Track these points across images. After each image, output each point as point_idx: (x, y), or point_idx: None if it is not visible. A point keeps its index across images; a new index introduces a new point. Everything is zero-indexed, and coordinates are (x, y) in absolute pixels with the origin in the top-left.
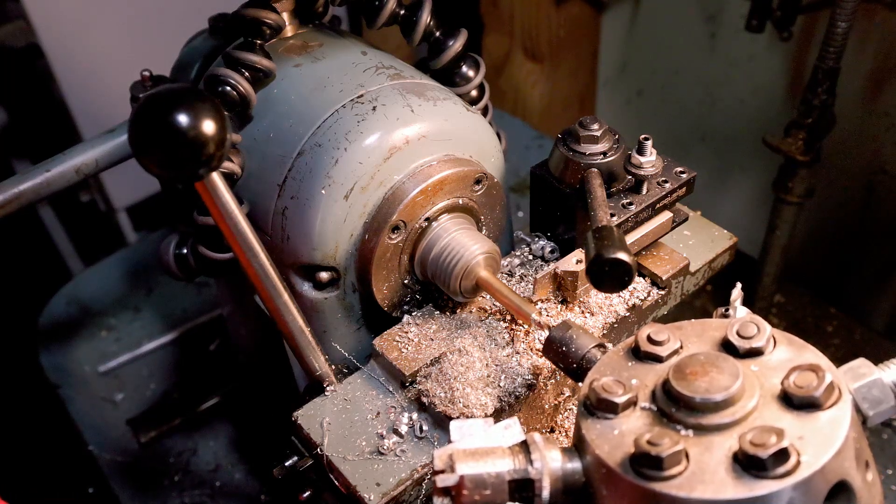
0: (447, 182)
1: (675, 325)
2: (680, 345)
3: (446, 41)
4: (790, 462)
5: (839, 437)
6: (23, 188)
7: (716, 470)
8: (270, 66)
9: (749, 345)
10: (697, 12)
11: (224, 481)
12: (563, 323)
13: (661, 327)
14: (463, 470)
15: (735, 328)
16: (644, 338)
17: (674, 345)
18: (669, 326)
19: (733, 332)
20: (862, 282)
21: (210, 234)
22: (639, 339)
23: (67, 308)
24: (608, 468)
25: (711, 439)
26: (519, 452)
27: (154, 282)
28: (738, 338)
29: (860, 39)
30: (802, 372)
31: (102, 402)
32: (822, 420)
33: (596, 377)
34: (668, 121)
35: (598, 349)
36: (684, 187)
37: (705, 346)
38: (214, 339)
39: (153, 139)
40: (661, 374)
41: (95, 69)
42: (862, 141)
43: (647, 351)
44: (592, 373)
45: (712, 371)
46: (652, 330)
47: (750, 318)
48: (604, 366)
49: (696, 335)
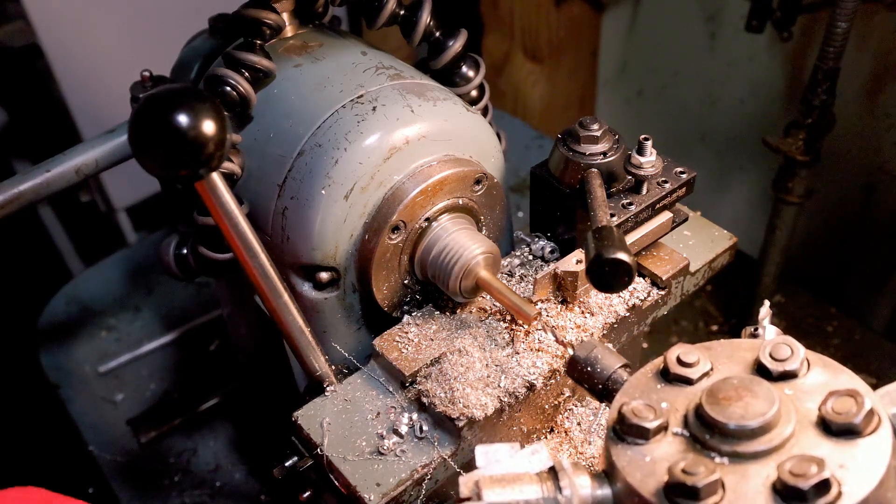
0: (447, 182)
1: (704, 346)
2: (710, 366)
3: (446, 41)
4: (832, 493)
5: (881, 466)
6: (23, 188)
7: (754, 500)
8: (270, 67)
9: (783, 367)
10: (697, 13)
11: (224, 481)
12: (587, 342)
13: (690, 348)
14: (490, 497)
15: (768, 350)
16: (673, 359)
17: (704, 367)
18: (699, 347)
19: (766, 354)
20: (862, 282)
21: (210, 235)
22: (668, 360)
23: (67, 308)
24: (641, 497)
25: (748, 468)
26: (547, 479)
27: (154, 282)
28: (772, 360)
29: (860, 40)
30: (840, 397)
31: (102, 403)
32: (862, 448)
33: (625, 401)
34: (668, 121)
35: (624, 369)
36: (684, 187)
37: (736, 368)
38: (214, 339)
39: (153, 139)
40: (693, 398)
41: (95, 69)
42: (862, 141)
43: (676, 373)
44: (621, 396)
45: (747, 396)
46: (681, 351)
47: (783, 340)
48: (632, 388)
49: (727, 356)
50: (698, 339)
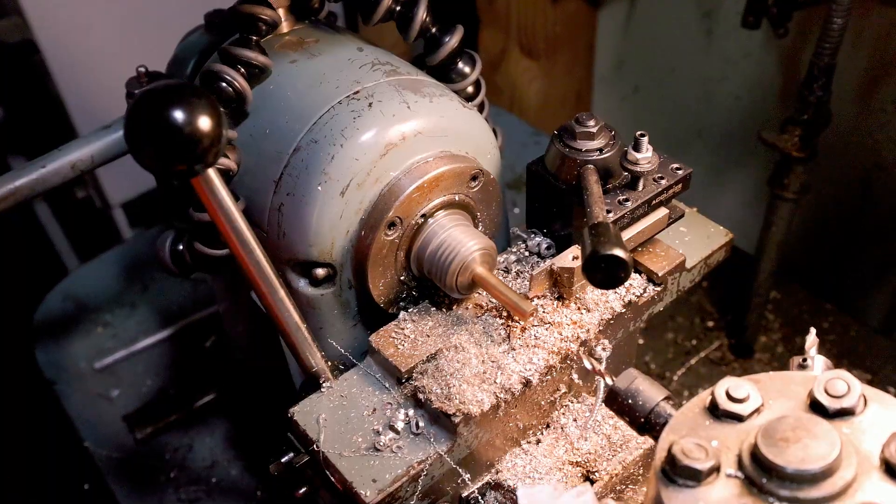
0: (443, 178)
1: (753, 378)
2: (762, 402)
3: (442, 37)
4: None
5: None
6: (18, 184)
7: None
8: (266, 63)
9: (839, 405)
10: (693, 9)
11: (220, 478)
12: (627, 373)
13: (739, 381)
14: None
15: (822, 385)
16: (722, 394)
17: (755, 402)
18: (748, 380)
19: (821, 389)
20: (858, 278)
21: (206, 231)
22: (716, 395)
23: (63, 304)
24: None
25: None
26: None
27: (150, 278)
28: (827, 396)
29: (856, 36)
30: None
31: (98, 399)
32: None
33: (674, 439)
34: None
35: (667, 402)
36: (680, 184)
37: (789, 404)
38: (210, 335)
39: (149, 135)
40: (746, 437)
41: (91, 65)
42: (858, 137)
43: (726, 409)
44: (668, 433)
45: (805, 437)
46: (730, 385)
47: (838, 375)
48: (680, 425)
49: (778, 391)
50: (694, 334)
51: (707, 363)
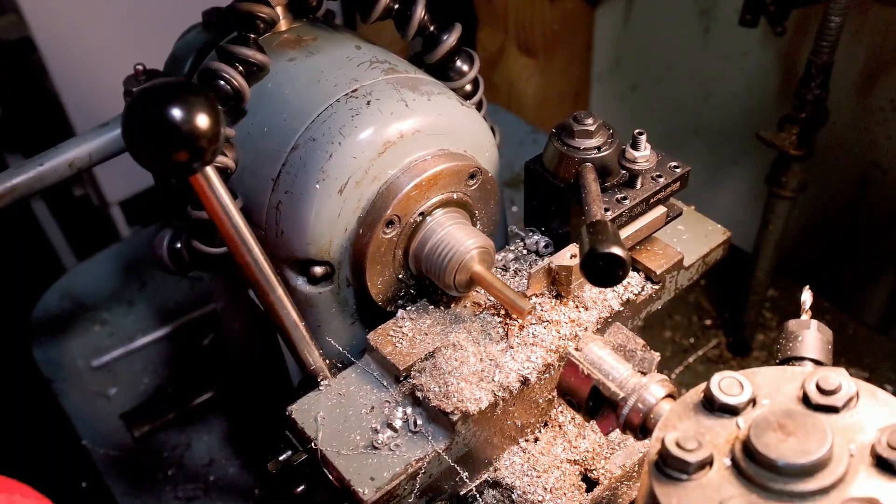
0: (441, 177)
1: (747, 372)
2: (753, 395)
3: (440, 36)
4: None
5: None
6: (15, 182)
7: None
8: (264, 61)
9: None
10: (691, 7)
11: (218, 475)
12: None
13: (733, 375)
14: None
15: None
16: (716, 387)
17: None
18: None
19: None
20: (855, 276)
21: (204, 229)
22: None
23: (61, 302)
24: None
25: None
26: None
27: (148, 276)
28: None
29: (853, 34)
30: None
31: (96, 397)
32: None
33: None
34: (662, 115)
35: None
36: (678, 182)
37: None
38: (208, 333)
39: (147, 133)
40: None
41: (89, 63)
42: (855, 135)
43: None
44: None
45: (797, 431)
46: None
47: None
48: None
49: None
50: (692, 332)
51: (705, 361)
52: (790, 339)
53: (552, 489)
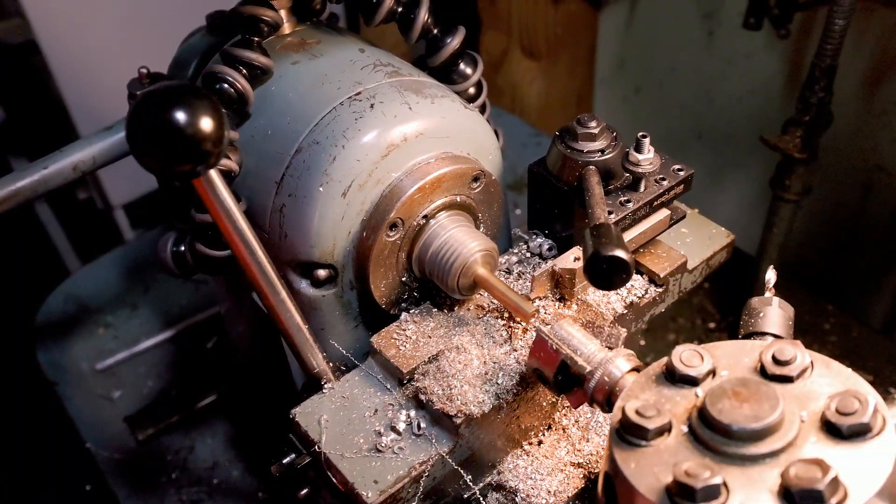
0: (445, 180)
1: (708, 346)
2: (714, 367)
3: (444, 38)
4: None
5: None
6: (20, 185)
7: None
8: (268, 64)
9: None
10: (695, 10)
11: (222, 479)
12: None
13: (694, 348)
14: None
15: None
16: (677, 360)
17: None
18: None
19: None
20: (859, 279)
21: (208, 232)
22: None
23: (65, 305)
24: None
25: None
26: None
27: (151, 279)
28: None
29: (858, 37)
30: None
31: (100, 400)
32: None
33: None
34: (665, 118)
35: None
36: (682, 185)
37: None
38: (212, 336)
39: (151, 136)
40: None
41: (93, 66)
42: (859, 138)
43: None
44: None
45: (751, 398)
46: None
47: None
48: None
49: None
50: (696, 336)
51: None
52: (753, 315)
53: (556, 492)
